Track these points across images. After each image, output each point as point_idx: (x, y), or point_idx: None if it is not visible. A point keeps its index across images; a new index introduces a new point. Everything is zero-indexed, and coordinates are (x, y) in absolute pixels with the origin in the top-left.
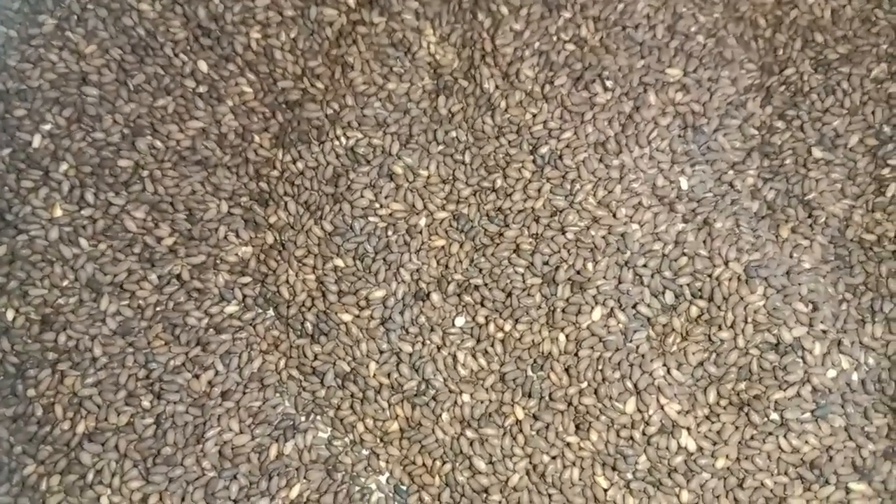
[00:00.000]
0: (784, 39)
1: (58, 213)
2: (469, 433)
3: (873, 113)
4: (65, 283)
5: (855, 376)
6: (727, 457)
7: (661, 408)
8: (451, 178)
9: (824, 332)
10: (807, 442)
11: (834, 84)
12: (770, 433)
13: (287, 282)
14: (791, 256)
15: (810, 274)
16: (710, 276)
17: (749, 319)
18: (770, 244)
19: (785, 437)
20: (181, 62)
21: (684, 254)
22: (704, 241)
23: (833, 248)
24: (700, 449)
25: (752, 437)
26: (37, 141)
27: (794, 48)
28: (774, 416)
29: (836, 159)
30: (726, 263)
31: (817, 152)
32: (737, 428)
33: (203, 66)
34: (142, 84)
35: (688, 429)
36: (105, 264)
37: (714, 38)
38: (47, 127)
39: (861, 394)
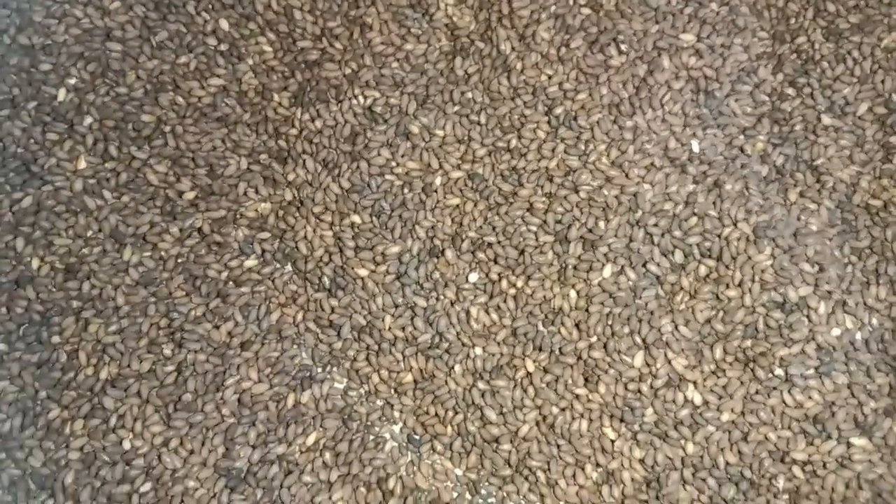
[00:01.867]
0: (796, 8)
1: (82, 165)
2: (481, 385)
3: (883, 82)
4: (89, 233)
5: (859, 336)
6: (732, 410)
7: (669, 362)
8: (466, 137)
9: (829, 292)
10: (810, 397)
11: (844, 53)
12: (774, 388)
13: (305, 237)
14: (798, 219)
15: (817, 236)
16: (719, 236)
17: (756, 279)
18: (778, 207)
19: (789, 392)
20: (203, 20)
21: (694, 214)
22: (714, 203)
23: (840, 213)
24: (706, 402)
25: (756, 392)
26: (62, 94)
27: (806, 17)
28: (779, 372)
29: (845, 126)
30: (735, 224)
31: (826, 119)
32: (742, 383)
33: (224, 24)
34: (164, 41)
35: (694, 383)
36: (128, 216)
37: (727, 6)
38: (72, 81)
39: (864, 353)
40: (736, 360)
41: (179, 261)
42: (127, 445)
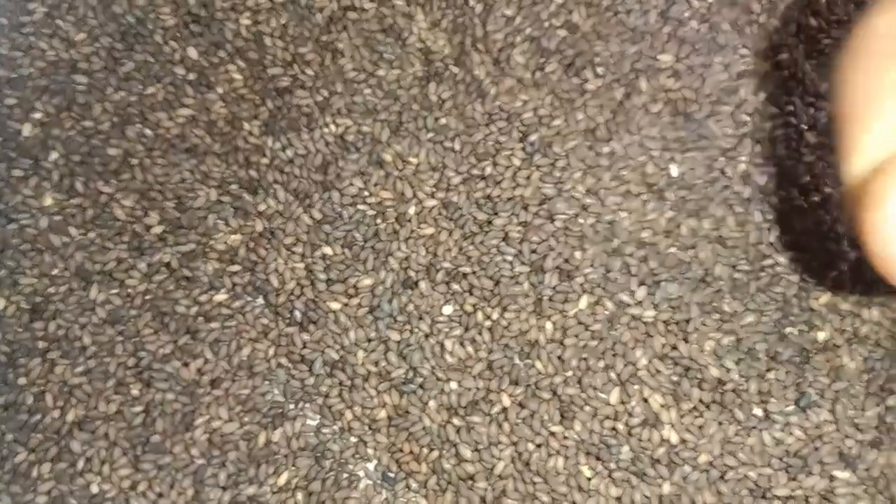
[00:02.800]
0: (778, 24)
1: (48, 201)
2: (456, 421)
3: None
4: (55, 271)
5: (849, 364)
6: (710, 452)
7: (645, 400)
8: (440, 165)
9: None
10: (791, 434)
11: (827, 69)
12: (754, 427)
13: (276, 270)
14: None
15: None
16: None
17: None
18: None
19: (768, 430)
20: (171, 49)
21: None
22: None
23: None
24: (683, 441)
25: (735, 433)
26: (27, 129)
27: (788, 33)
28: (758, 411)
29: (830, 143)
30: None
31: (810, 137)
32: (720, 424)
33: (193, 53)
34: (131, 72)
35: (671, 422)
36: (94, 253)
37: (707, 24)
38: (37, 115)
39: (854, 384)
40: (713, 401)
41: (147, 297)
42: (95, 489)
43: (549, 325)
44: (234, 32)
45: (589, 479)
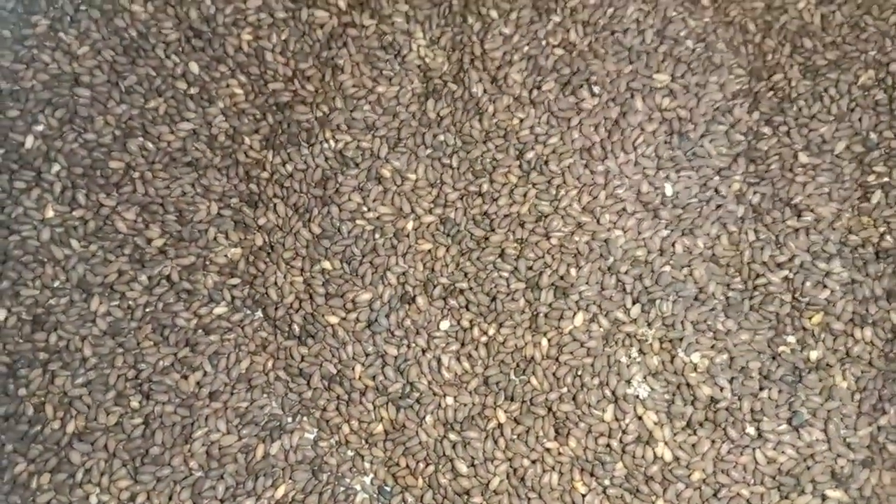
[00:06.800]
0: (773, 45)
1: (49, 213)
2: (452, 436)
3: (860, 120)
4: (56, 283)
5: (841, 383)
6: (703, 470)
7: (639, 417)
8: (438, 181)
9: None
10: (783, 452)
11: (821, 90)
12: (746, 446)
13: (275, 284)
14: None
15: None
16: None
17: None
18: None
19: (761, 449)
20: (172, 63)
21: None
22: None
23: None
24: (676, 459)
25: (728, 452)
26: (29, 142)
27: (783, 53)
28: (751, 429)
29: (823, 165)
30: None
31: (804, 157)
32: (713, 442)
33: (194, 67)
34: (133, 85)
35: (664, 440)
36: (96, 265)
37: (703, 43)
38: (40, 128)
39: (846, 403)
40: (706, 419)
41: (147, 310)
42: (94, 501)
43: (544, 342)
44: (236, 47)
45: (583, 496)
